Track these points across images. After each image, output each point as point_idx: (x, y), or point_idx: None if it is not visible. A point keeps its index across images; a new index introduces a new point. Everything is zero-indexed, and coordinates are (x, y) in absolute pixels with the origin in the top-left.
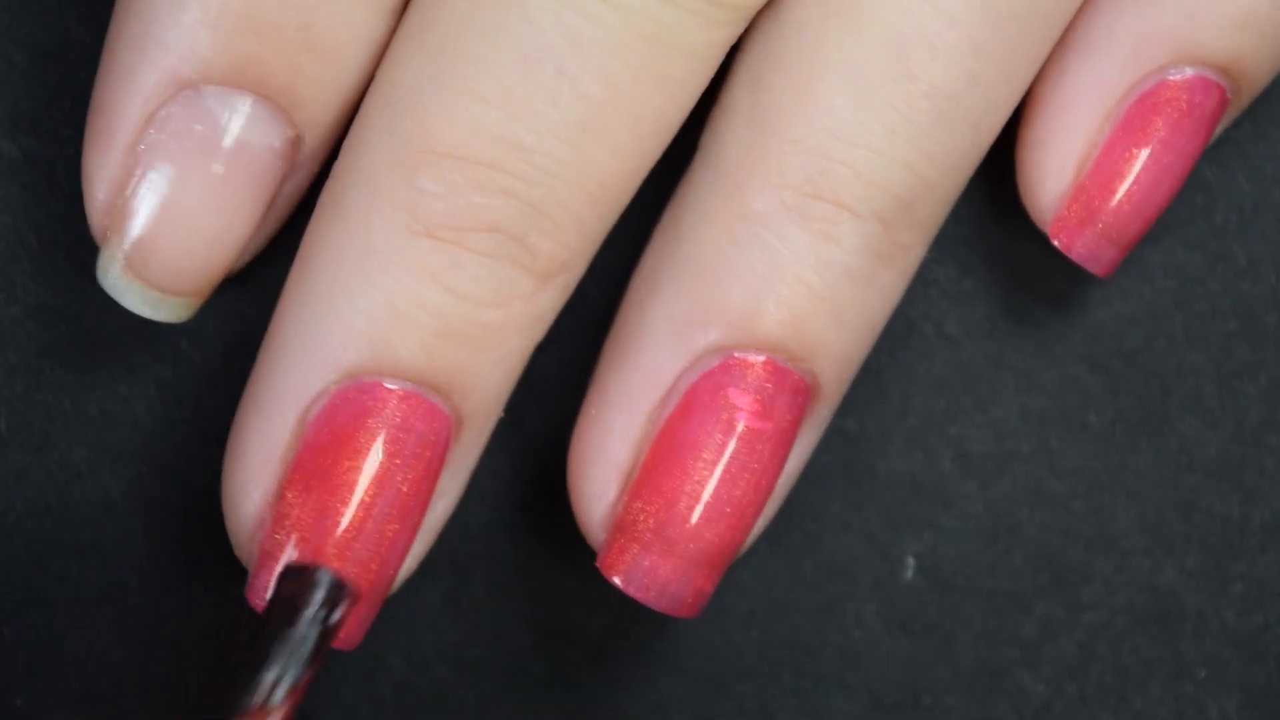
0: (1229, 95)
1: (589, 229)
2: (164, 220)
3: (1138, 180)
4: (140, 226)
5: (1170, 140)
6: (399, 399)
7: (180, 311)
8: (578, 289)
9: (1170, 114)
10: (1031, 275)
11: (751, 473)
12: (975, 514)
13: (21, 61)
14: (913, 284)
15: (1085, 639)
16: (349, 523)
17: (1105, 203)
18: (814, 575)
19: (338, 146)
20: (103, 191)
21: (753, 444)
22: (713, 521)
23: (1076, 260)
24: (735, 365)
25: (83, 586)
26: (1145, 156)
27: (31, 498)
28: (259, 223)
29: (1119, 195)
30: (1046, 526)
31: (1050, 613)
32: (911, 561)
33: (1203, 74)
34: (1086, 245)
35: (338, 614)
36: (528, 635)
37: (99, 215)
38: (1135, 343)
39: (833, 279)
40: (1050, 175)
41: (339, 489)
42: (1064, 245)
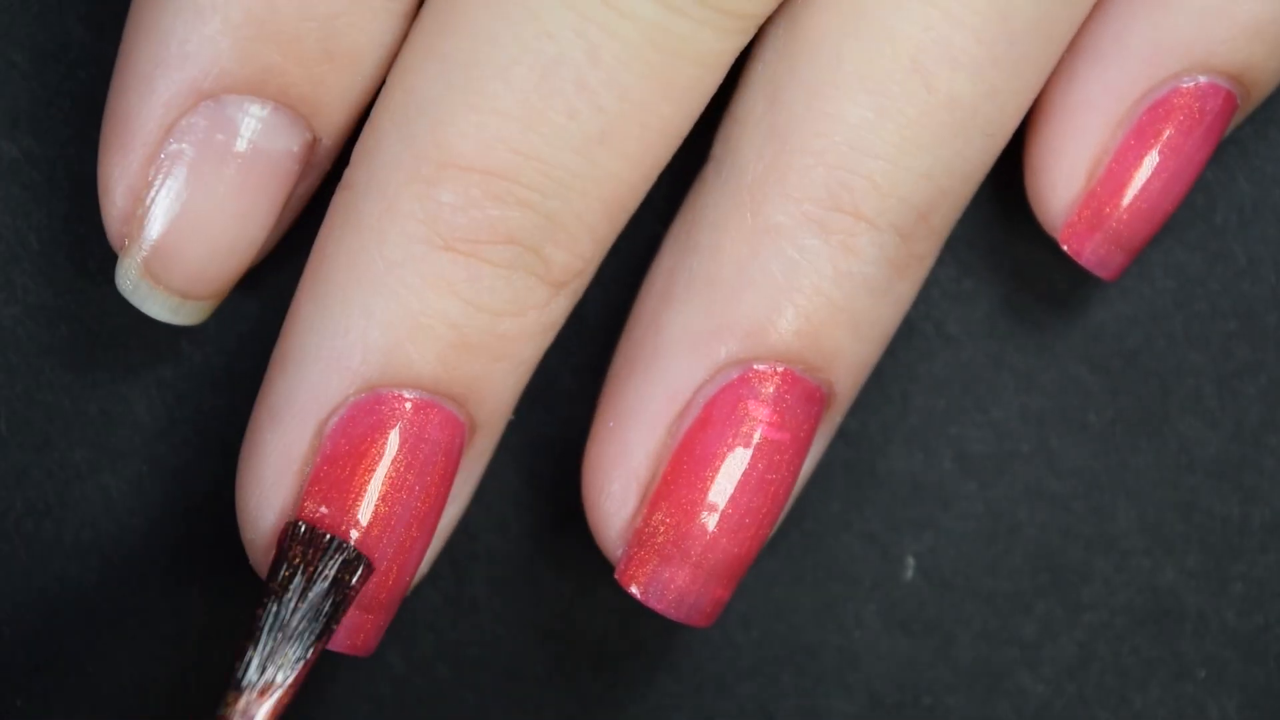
0: (1239, 101)
1: (601, 237)
2: (184, 227)
3: (1148, 187)
4: (160, 234)
5: (1181, 147)
6: (416, 409)
7: (197, 314)
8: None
9: (1182, 121)
10: (1031, 275)
11: (769, 483)
12: (975, 514)
13: (21, 61)
14: None
15: (1085, 639)
16: (366, 533)
17: (1116, 209)
18: (814, 575)
19: (348, 146)
20: (121, 199)
21: (771, 455)
22: (731, 532)
23: (1086, 266)
24: (754, 377)
25: (83, 586)
26: (1156, 163)
27: (31, 498)
28: (275, 224)
29: (1130, 202)
30: (1046, 526)
31: (1050, 613)
32: (911, 561)
33: (1214, 81)
34: (1096, 251)
35: (353, 585)
36: (528, 635)
37: (117, 223)
38: (1135, 343)
39: (852, 290)
40: (1061, 181)
41: (357, 499)
42: (1074, 251)
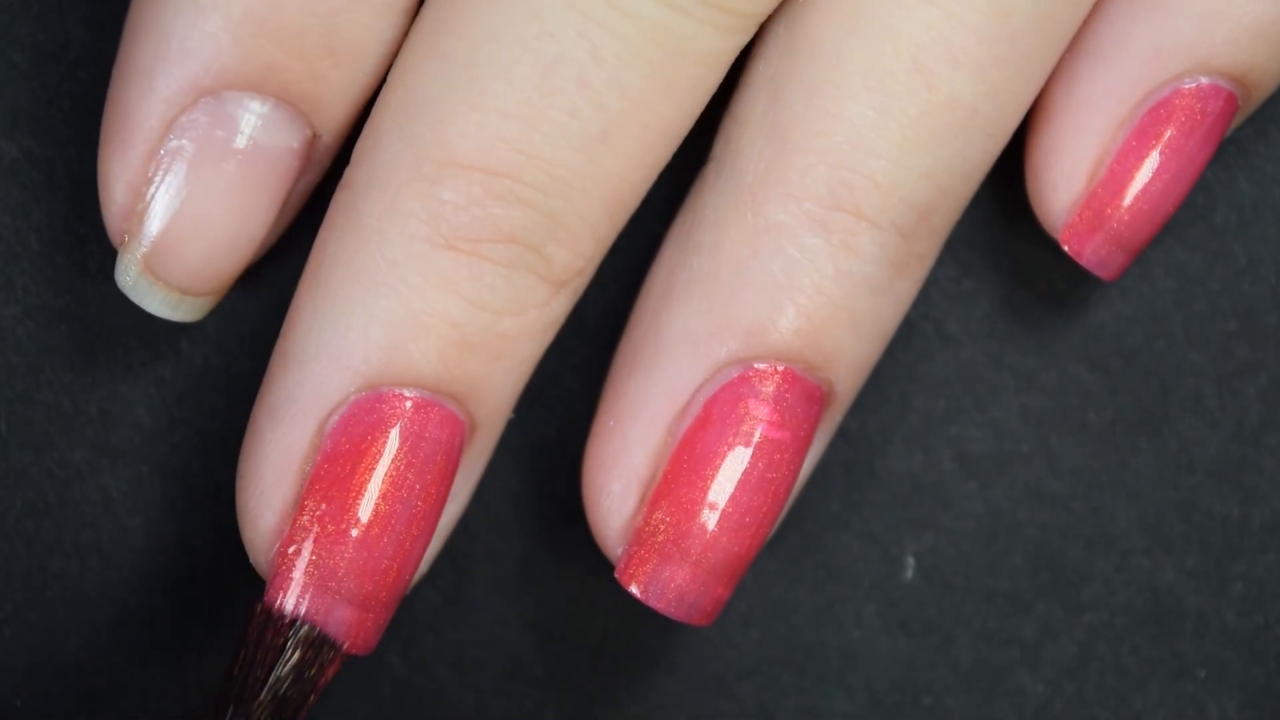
0: (1240, 102)
1: (602, 236)
2: (184, 224)
3: (1150, 188)
4: (160, 230)
5: (1182, 148)
6: (417, 408)
7: (197, 311)
8: (581, 294)
9: (1183, 122)
10: (1031, 275)
11: (770, 482)
12: (975, 514)
13: (21, 61)
14: None
15: (1085, 639)
16: (367, 532)
17: (1117, 210)
18: (814, 575)
19: (349, 143)
20: (121, 195)
21: (771, 454)
22: (732, 531)
23: (1086, 266)
24: (754, 376)
25: (83, 586)
26: (1158, 164)
27: (31, 498)
28: (275, 221)
29: (1130, 203)
30: (1046, 526)
31: (1050, 613)
32: (911, 561)
33: (1216, 83)
34: (1097, 252)
35: (321, 669)
36: (528, 635)
37: (117, 220)
38: (1135, 342)
39: (852, 290)
40: (1062, 182)
41: (358, 498)
42: (1075, 251)
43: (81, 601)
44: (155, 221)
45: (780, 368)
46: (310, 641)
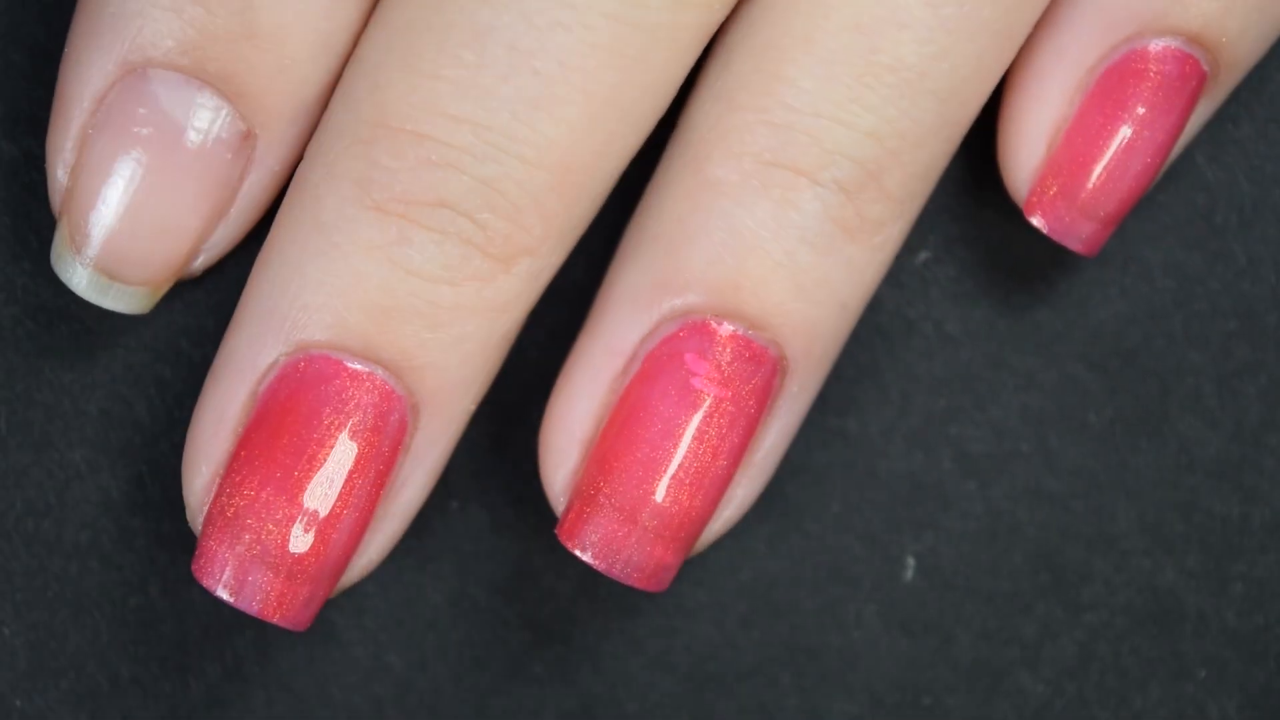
0: (1205, 67)
1: (552, 213)
2: (108, 202)
3: (1110, 152)
4: (85, 208)
5: (1141, 112)
6: (349, 374)
7: (133, 302)
8: (577, 290)
9: (1140, 85)
10: (1031, 275)
11: (710, 440)
12: (975, 514)
13: (21, 61)
14: (913, 284)
15: (1085, 639)
16: (293, 497)
17: (1078, 176)
18: (814, 575)
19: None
20: (61, 174)
21: (710, 411)
22: (670, 489)
23: (1055, 237)
24: (692, 330)
25: (83, 586)
26: (1116, 128)
27: (31, 498)
28: (213, 216)
29: (1090, 168)
30: (1046, 526)
31: (1050, 613)
32: (911, 561)
33: (1172, 44)
34: (1062, 220)
35: None
36: (528, 635)
37: (56, 196)
38: (1135, 342)
39: (791, 246)
40: (1022, 151)
41: (285, 462)
42: (1040, 222)
43: (81, 601)
44: (80, 200)
45: (719, 323)
46: None
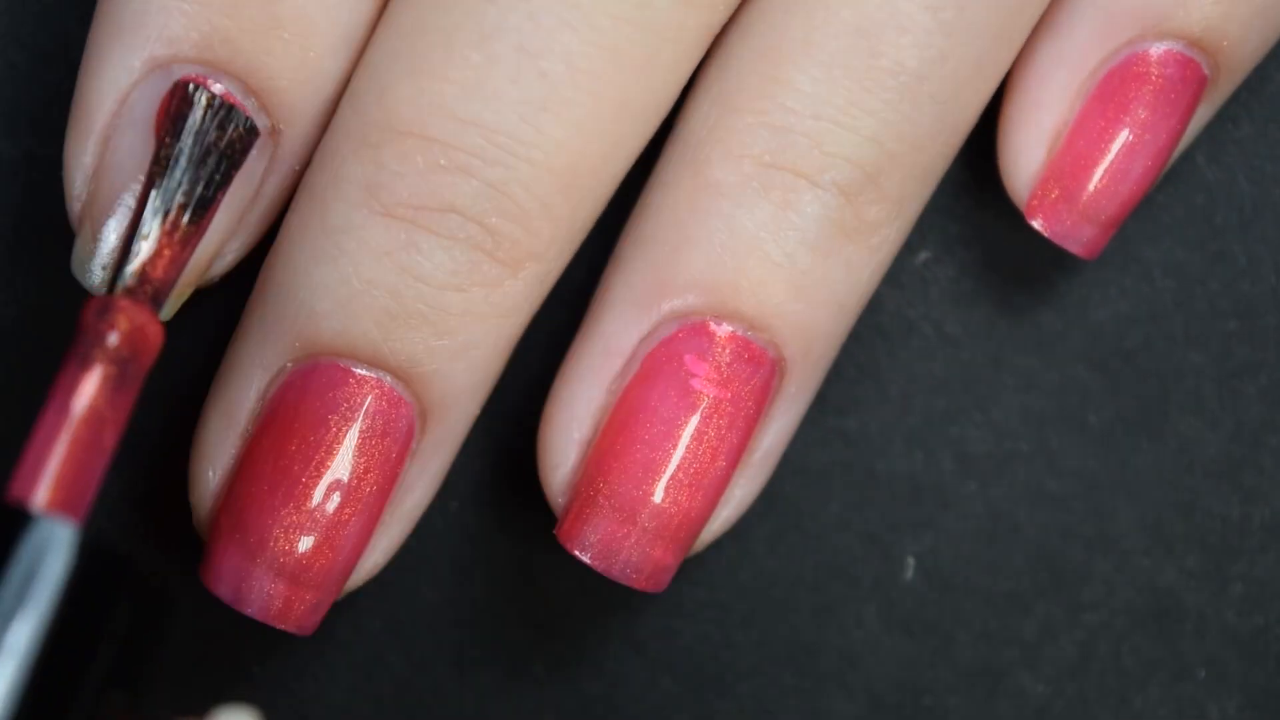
0: (1206, 71)
1: (559, 216)
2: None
3: (1109, 156)
4: (109, 213)
5: (1142, 116)
6: (356, 381)
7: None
8: (577, 290)
9: (1141, 89)
10: (1031, 275)
11: (708, 441)
12: (975, 514)
13: (21, 62)
14: (913, 284)
15: (1085, 639)
16: (299, 503)
17: (1078, 180)
18: (814, 575)
19: None
20: (79, 178)
21: (709, 413)
22: (668, 490)
23: (1056, 240)
24: (691, 331)
25: None
26: (1117, 132)
27: None
28: (237, 216)
29: (1091, 172)
30: (1046, 526)
31: (1050, 613)
32: (911, 561)
33: (1173, 48)
34: (1062, 223)
35: (233, 132)
36: (528, 635)
37: (75, 204)
38: (1135, 343)
39: (791, 247)
40: (1023, 154)
41: (291, 468)
42: (1041, 225)
43: None
44: (102, 204)
45: (718, 325)
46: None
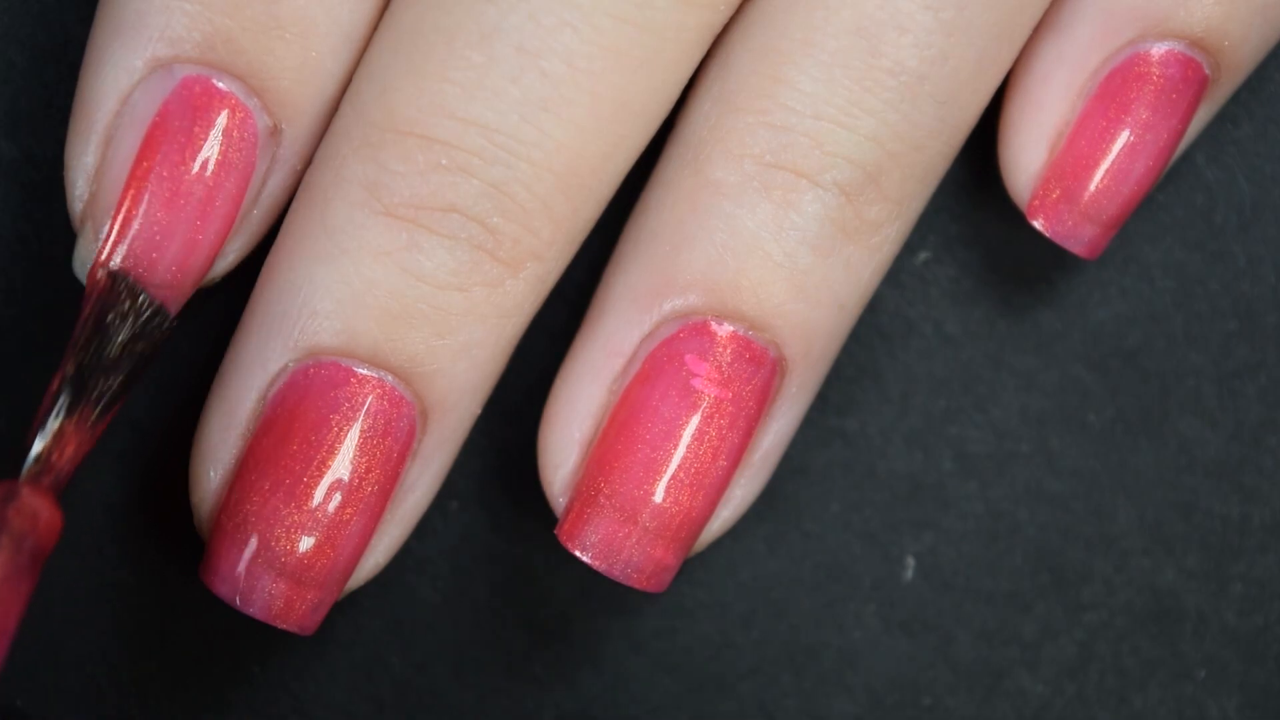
0: (1207, 71)
1: (560, 216)
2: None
3: (1111, 156)
4: (111, 213)
5: (1144, 116)
6: (357, 381)
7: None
8: (577, 290)
9: (1142, 89)
10: (1031, 275)
11: (709, 441)
12: (975, 514)
13: (21, 61)
14: (913, 284)
15: (1085, 639)
16: (300, 503)
17: (1080, 180)
18: (814, 575)
19: None
20: (81, 179)
21: (710, 413)
22: (669, 490)
23: (1057, 240)
24: (693, 331)
25: (86, 588)
26: (1117, 132)
27: None
28: (237, 214)
29: (1092, 172)
30: (1046, 526)
31: (1050, 613)
32: (911, 561)
33: (1174, 48)
34: (1064, 224)
35: (148, 332)
36: (528, 635)
37: (77, 204)
38: (1135, 343)
39: (791, 247)
40: (1024, 154)
41: (292, 468)
42: (1042, 225)
43: (81, 601)
44: (104, 205)
45: (719, 324)
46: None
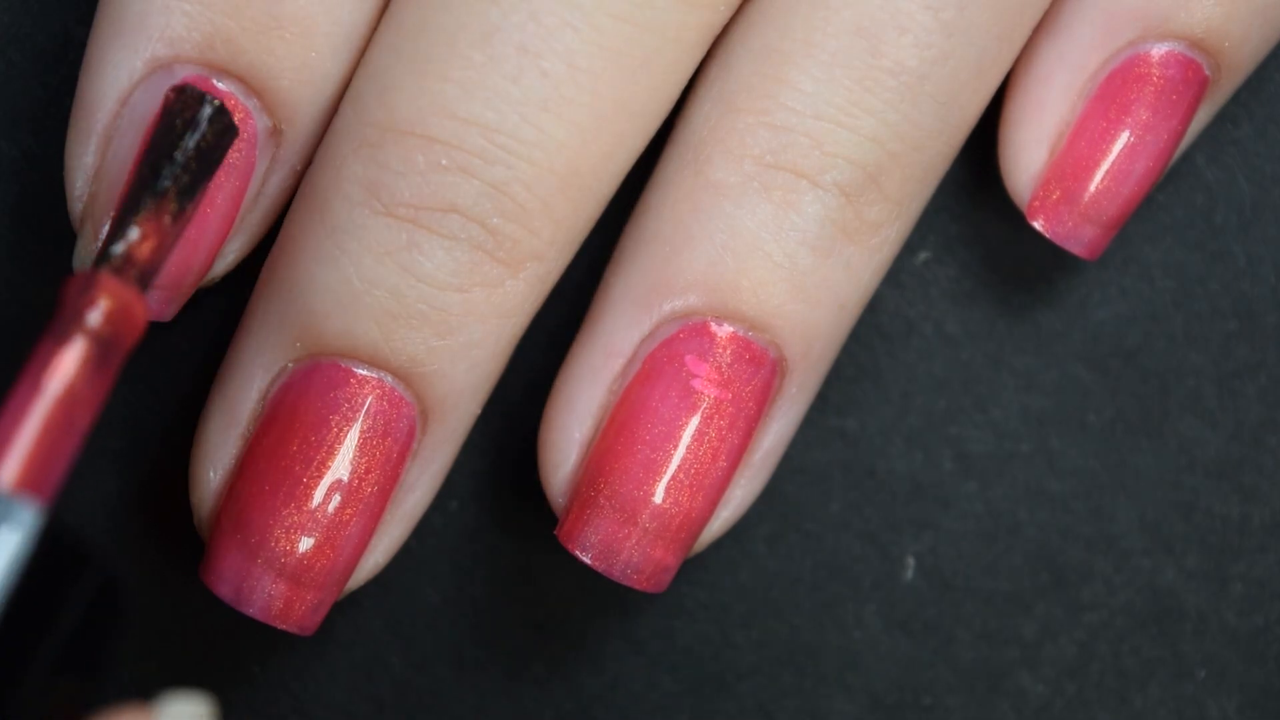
0: (1207, 72)
1: (560, 216)
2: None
3: (1111, 157)
4: (111, 213)
5: (1144, 117)
6: (357, 381)
7: (160, 307)
8: (577, 290)
9: (1142, 90)
10: (1031, 275)
11: (709, 442)
12: (975, 514)
13: (21, 61)
14: (913, 284)
15: (1085, 639)
16: (300, 503)
17: (1080, 180)
18: (814, 575)
19: None
20: (81, 179)
21: (710, 413)
22: (669, 491)
23: (1057, 241)
24: (692, 332)
25: None
26: (1118, 133)
27: None
28: (238, 215)
29: (1093, 173)
30: (1046, 526)
31: (1050, 613)
32: (911, 561)
33: (1174, 49)
34: (1064, 224)
35: (214, 137)
36: (528, 635)
37: (77, 204)
38: (1135, 342)
39: (792, 248)
40: (1024, 155)
41: (292, 468)
42: (1042, 226)
43: None
44: (105, 205)
45: (719, 325)
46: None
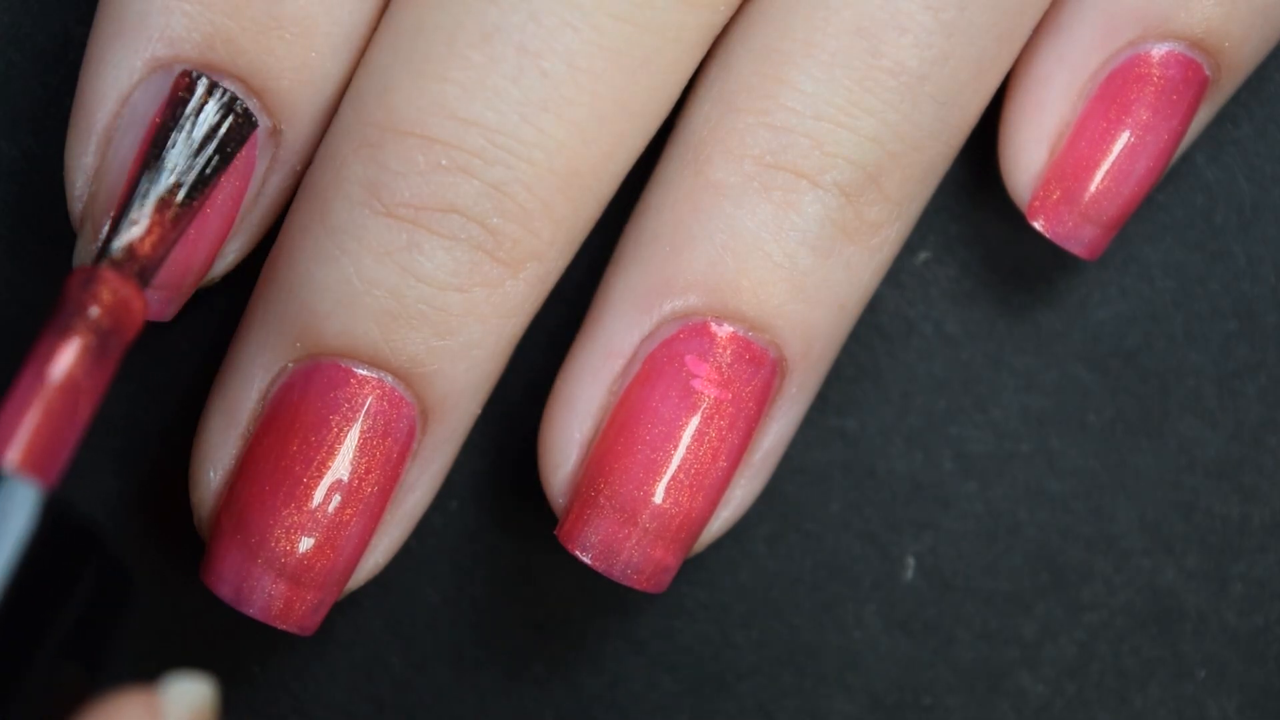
0: (1207, 72)
1: (560, 216)
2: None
3: (1111, 157)
4: (110, 213)
5: (1144, 117)
6: (357, 381)
7: (159, 309)
8: (577, 290)
9: (1142, 90)
10: (1031, 275)
11: (709, 442)
12: (975, 514)
13: (21, 61)
14: (913, 284)
15: (1085, 639)
16: (300, 503)
17: (1080, 181)
18: (814, 575)
19: None
20: (81, 179)
21: (710, 413)
22: (669, 491)
23: (1057, 241)
24: (692, 332)
25: None
26: (1118, 133)
27: None
28: (238, 216)
29: (1093, 173)
30: (1046, 526)
31: (1050, 613)
32: (911, 561)
33: (1175, 49)
34: (1064, 225)
35: (229, 125)
36: (528, 635)
37: (77, 204)
38: (1135, 342)
39: (792, 248)
40: (1024, 155)
41: (292, 469)
42: (1042, 226)
43: None
44: (104, 205)
45: (719, 325)
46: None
